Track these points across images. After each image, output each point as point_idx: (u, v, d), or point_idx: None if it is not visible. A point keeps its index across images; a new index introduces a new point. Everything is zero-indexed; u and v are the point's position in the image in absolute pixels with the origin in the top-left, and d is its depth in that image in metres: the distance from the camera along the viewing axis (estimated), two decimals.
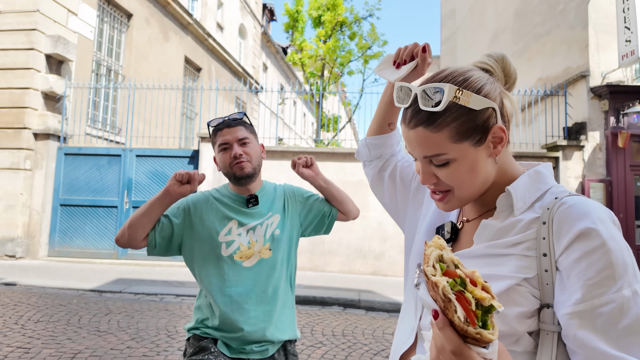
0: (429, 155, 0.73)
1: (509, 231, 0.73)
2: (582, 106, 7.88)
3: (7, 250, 7.85)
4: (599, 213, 0.66)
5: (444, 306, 0.50)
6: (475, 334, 0.48)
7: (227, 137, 1.52)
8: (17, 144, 7.99)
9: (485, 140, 0.73)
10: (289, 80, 26.27)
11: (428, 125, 0.71)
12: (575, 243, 0.65)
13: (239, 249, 1.51)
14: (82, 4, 9.06)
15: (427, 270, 0.52)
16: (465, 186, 0.74)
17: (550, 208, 0.69)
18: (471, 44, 14.12)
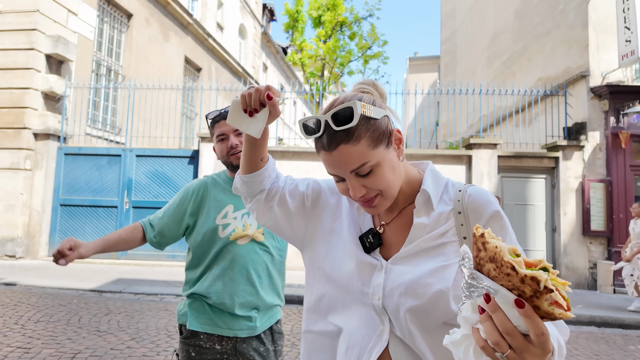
0: (355, 168, 0.81)
1: (436, 224, 0.86)
2: (582, 106, 7.88)
3: (7, 250, 7.85)
4: (494, 198, 0.86)
5: (532, 295, 0.54)
6: (559, 314, 0.54)
7: (224, 128, 1.61)
8: (17, 144, 7.99)
9: (391, 142, 0.86)
10: (289, 80, 26.27)
11: (348, 141, 0.80)
12: (489, 224, 0.83)
13: (234, 231, 1.60)
14: (82, 4, 9.06)
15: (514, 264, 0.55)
16: (391, 185, 0.85)
17: (461, 200, 0.86)
18: (471, 44, 14.11)
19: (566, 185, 7.65)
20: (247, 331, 1.57)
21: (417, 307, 0.81)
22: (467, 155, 7.92)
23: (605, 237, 7.49)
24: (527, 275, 0.54)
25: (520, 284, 0.55)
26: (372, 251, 0.90)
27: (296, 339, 4.17)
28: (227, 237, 1.60)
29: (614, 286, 7.23)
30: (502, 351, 0.58)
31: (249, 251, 1.60)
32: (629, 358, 4.11)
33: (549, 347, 0.57)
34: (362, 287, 0.88)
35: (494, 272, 0.58)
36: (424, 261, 0.84)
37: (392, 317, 0.84)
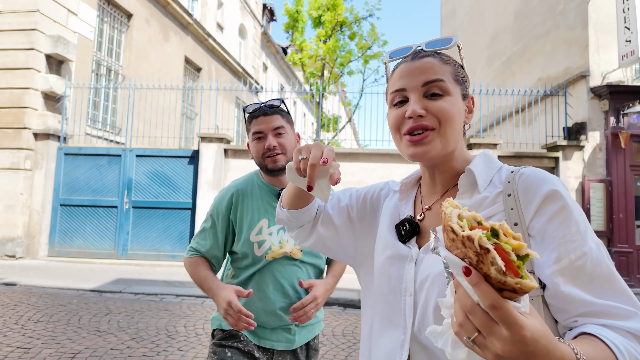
0: (432, 79, 0.76)
1: (478, 207, 0.75)
2: (582, 106, 7.88)
3: (7, 250, 7.85)
4: (555, 178, 0.72)
5: (477, 261, 0.47)
6: (515, 284, 0.45)
7: (262, 125, 1.46)
8: (17, 144, 7.99)
9: (466, 99, 0.82)
10: (289, 80, 26.27)
11: (436, 57, 0.79)
12: (543, 206, 0.69)
13: (270, 248, 1.48)
14: (82, 4, 9.06)
15: (454, 227, 0.49)
16: (452, 125, 0.76)
17: (511, 181, 0.74)
18: (471, 44, 14.11)
19: (566, 185, 7.65)
20: (285, 344, 1.49)
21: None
22: None
23: (606, 237, 7.49)
24: (464, 235, 0.47)
25: (465, 249, 0.48)
26: (408, 240, 0.82)
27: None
28: (264, 257, 1.48)
29: None
30: (468, 334, 0.49)
31: (285, 266, 1.49)
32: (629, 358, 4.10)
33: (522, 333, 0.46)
34: (395, 284, 0.80)
35: (448, 241, 0.51)
36: None
37: (420, 317, 0.75)
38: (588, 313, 0.63)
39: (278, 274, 1.48)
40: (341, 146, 15.61)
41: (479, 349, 0.50)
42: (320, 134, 15.36)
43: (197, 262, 1.54)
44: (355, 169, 8.03)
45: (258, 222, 1.49)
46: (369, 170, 7.97)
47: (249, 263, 1.50)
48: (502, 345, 0.47)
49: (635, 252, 7.35)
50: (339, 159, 8.14)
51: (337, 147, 10.74)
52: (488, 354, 0.49)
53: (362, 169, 8.06)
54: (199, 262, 1.54)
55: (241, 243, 1.49)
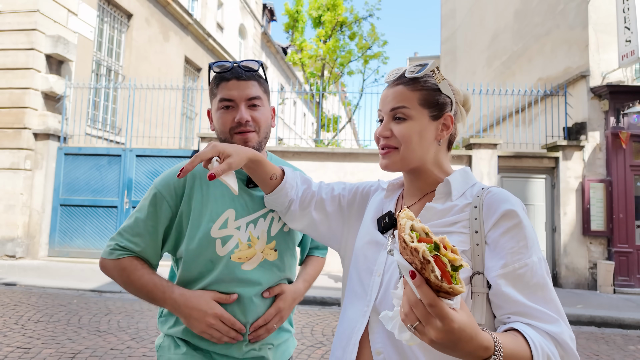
0: (396, 106, 0.90)
1: (447, 212, 0.88)
2: (582, 106, 7.88)
3: (7, 250, 7.85)
4: (516, 200, 0.85)
5: (421, 267, 0.58)
6: (448, 288, 0.58)
7: (233, 92, 1.15)
8: (17, 144, 7.99)
9: (439, 120, 0.91)
10: (289, 80, 26.27)
11: (407, 85, 0.91)
12: (500, 221, 0.82)
13: (237, 247, 1.15)
14: (82, 4, 9.06)
15: (406, 238, 0.60)
16: (410, 146, 0.90)
17: (480, 195, 0.87)
18: (471, 44, 14.11)
19: (566, 185, 7.65)
20: None
21: None
22: (467, 155, 7.91)
23: (605, 237, 7.49)
24: (412, 247, 0.58)
25: (412, 257, 0.59)
26: (387, 232, 0.95)
27: (296, 339, 4.17)
28: (229, 257, 1.14)
29: (614, 286, 7.23)
30: (411, 323, 0.62)
31: (255, 273, 1.16)
32: (629, 358, 4.11)
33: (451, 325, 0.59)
34: (368, 265, 0.93)
35: (400, 247, 0.62)
36: None
37: (382, 293, 0.88)
38: (519, 312, 0.76)
39: (245, 284, 1.14)
40: (341, 146, 15.63)
41: (418, 334, 0.63)
42: (320, 134, 15.35)
43: (134, 266, 1.13)
44: (356, 169, 8.03)
45: (223, 213, 1.15)
46: (369, 170, 7.97)
47: (205, 268, 1.14)
48: (436, 333, 0.60)
49: (635, 252, 7.35)
50: (339, 159, 8.15)
51: (337, 147, 10.74)
52: (425, 338, 0.62)
53: (362, 169, 8.06)
54: (136, 265, 1.14)
55: (197, 241, 1.13)
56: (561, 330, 0.74)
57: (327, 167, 8.14)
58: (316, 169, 8.13)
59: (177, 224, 1.17)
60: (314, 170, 8.12)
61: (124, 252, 1.15)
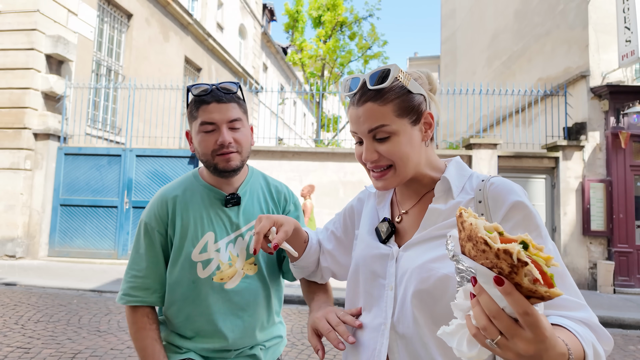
0: (374, 127, 0.83)
1: (452, 212, 0.83)
2: (582, 106, 7.88)
3: (7, 250, 7.85)
4: (520, 189, 0.81)
5: (510, 271, 0.51)
6: (544, 292, 0.50)
7: (215, 115, 1.16)
8: (17, 144, 7.99)
9: (419, 122, 0.86)
10: (289, 80, 26.27)
11: (376, 100, 0.82)
12: (509, 214, 0.78)
13: (218, 268, 1.20)
14: (82, 4, 9.06)
15: (487, 240, 0.52)
16: (406, 160, 0.84)
17: (482, 189, 0.82)
18: (471, 44, 14.11)
19: (566, 185, 7.65)
20: None
21: (422, 291, 0.79)
22: (467, 155, 7.92)
23: (605, 237, 7.49)
24: (500, 249, 0.51)
25: (497, 260, 0.52)
26: (388, 240, 0.90)
27: (296, 339, 4.17)
28: (210, 278, 1.19)
29: (614, 286, 7.23)
30: (491, 337, 0.54)
31: (242, 294, 1.21)
32: (629, 358, 4.11)
33: (545, 334, 0.52)
34: (378, 279, 0.88)
35: (473, 251, 0.54)
36: (434, 247, 0.81)
37: (399, 307, 0.82)
38: (549, 303, 0.72)
39: (233, 305, 1.20)
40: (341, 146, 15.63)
41: (499, 350, 0.54)
42: (320, 134, 15.35)
43: (142, 324, 1.18)
44: (356, 169, 8.03)
45: (202, 237, 1.20)
46: None
47: (188, 289, 1.19)
48: (526, 345, 0.52)
49: (635, 252, 7.35)
50: (339, 159, 8.15)
51: (337, 147, 10.73)
52: (509, 353, 0.54)
53: (362, 168, 8.04)
54: (144, 324, 1.18)
55: (179, 265, 1.19)
56: (590, 315, 0.72)
57: (327, 167, 8.14)
58: (316, 169, 8.13)
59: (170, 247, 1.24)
60: (314, 170, 8.12)
61: (135, 299, 1.20)
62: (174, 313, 1.22)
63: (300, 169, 8.10)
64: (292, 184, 7.99)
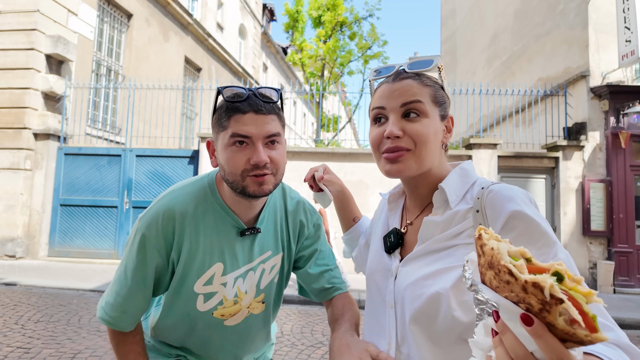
0: (410, 100, 0.78)
1: (449, 223, 0.78)
2: (582, 106, 7.88)
3: (7, 250, 7.85)
4: (520, 195, 0.73)
5: (540, 308, 0.42)
6: (584, 336, 0.40)
7: (251, 128, 0.94)
8: (17, 144, 7.99)
9: (445, 120, 0.83)
10: (289, 80, 26.27)
11: (416, 79, 0.80)
12: (507, 224, 0.71)
13: (221, 304, 1.06)
14: (82, 4, 9.06)
15: (512, 269, 0.44)
16: (426, 147, 0.78)
17: (480, 197, 0.76)
18: (471, 44, 14.11)
19: (566, 185, 7.65)
20: None
21: (418, 310, 0.75)
22: (467, 155, 7.92)
23: (605, 237, 7.49)
24: (529, 281, 0.42)
25: (524, 294, 0.43)
26: (393, 251, 0.87)
27: (296, 339, 4.17)
28: (210, 313, 1.06)
29: (614, 286, 7.23)
30: None
31: (241, 332, 1.12)
32: None
33: None
34: (381, 295, 0.86)
35: (495, 280, 0.46)
36: (431, 262, 0.77)
37: (400, 326, 0.79)
38: None
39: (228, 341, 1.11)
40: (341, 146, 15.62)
41: None
42: (320, 134, 15.35)
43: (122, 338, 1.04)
44: (356, 169, 8.03)
45: (210, 268, 1.03)
46: (369, 170, 7.97)
47: (182, 321, 1.08)
48: None
49: (635, 252, 7.35)
50: (339, 159, 8.15)
51: (337, 147, 10.73)
52: None
53: (362, 169, 8.05)
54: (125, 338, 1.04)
55: (179, 294, 1.04)
56: (618, 335, 0.62)
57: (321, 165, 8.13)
58: None
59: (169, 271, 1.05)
60: None
61: (108, 318, 1.03)
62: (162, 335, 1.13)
63: (300, 169, 8.10)
64: (292, 184, 7.99)
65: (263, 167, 0.95)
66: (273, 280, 1.13)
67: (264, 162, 0.93)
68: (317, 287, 1.16)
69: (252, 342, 1.17)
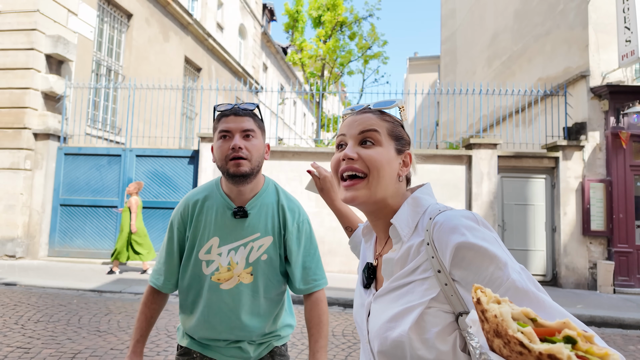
0: (367, 129, 0.85)
1: (405, 259, 0.79)
2: (582, 106, 7.88)
3: (7, 250, 7.85)
4: (464, 222, 0.72)
5: None
6: None
7: (231, 124, 1.32)
8: (17, 144, 7.99)
9: (401, 154, 0.87)
10: (289, 80, 26.27)
11: (376, 114, 0.87)
12: (456, 257, 0.70)
13: (217, 270, 1.38)
14: (82, 4, 9.06)
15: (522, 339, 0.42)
16: (380, 173, 0.82)
17: (429, 229, 0.76)
18: (471, 44, 14.11)
19: (566, 185, 7.65)
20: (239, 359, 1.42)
21: (384, 352, 0.76)
22: (467, 155, 7.92)
23: (605, 237, 7.49)
24: (543, 352, 0.40)
25: None
26: (369, 286, 0.88)
27: (296, 339, 4.17)
28: (209, 277, 1.38)
29: (614, 286, 7.23)
30: None
31: (234, 298, 1.38)
32: (629, 358, 4.11)
33: None
34: (362, 332, 0.87)
35: (506, 350, 0.44)
36: (394, 300, 0.78)
37: None
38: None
39: (223, 304, 1.38)
40: None
41: None
42: (320, 134, 15.35)
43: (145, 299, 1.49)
44: None
45: (209, 240, 1.38)
46: None
47: (194, 280, 1.41)
48: None
49: (635, 252, 7.35)
50: None
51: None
52: None
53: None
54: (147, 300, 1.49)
55: (190, 260, 1.40)
56: None
57: (327, 167, 8.14)
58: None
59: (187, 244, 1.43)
60: None
61: (150, 278, 1.48)
62: (184, 296, 1.44)
63: (300, 169, 8.10)
64: (292, 184, 7.99)
65: (238, 151, 1.30)
66: (260, 258, 1.39)
67: (238, 146, 1.29)
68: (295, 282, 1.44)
69: (243, 310, 1.38)
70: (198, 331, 1.41)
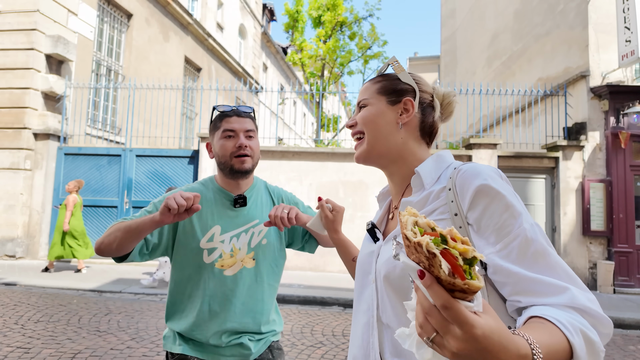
0: (360, 99, 0.98)
1: (424, 203, 0.85)
2: (582, 106, 7.88)
3: (7, 250, 7.85)
4: (487, 171, 0.78)
5: (429, 264, 0.50)
6: (463, 285, 0.49)
7: (235, 125, 1.42)
8: (17, 144, 7.99)
9: (397, 104, 0.93)
10: (289, 80, 26.26)
11: (370, 80, 0.99)
12: (475, 199, 0.76)
13: (220, 256, 1.41)
14: (82, 4, 9.06)
15: (408, 234, 0.53)
16: (372, 128, 0.93)
17: (452, 176, 0.82)
18: (471, 44, 14.11)
19: (566, 185, 7.65)
20: (240, 358, 1.42)
21: (389, 277, 0.82)
22: (467, 155, 7.92)
23: (605, 237, 7.49)
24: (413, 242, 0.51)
25: (417, 254, 0.52)
26: (378, 240, 0.94)
27: (296, 339, 4.17)
28: (213, 264, 1.40)
29: (614, 286, 7.23)
30: (427, 335, 0.52)
31: (238, 284, 1.41)
32: (629, 358, 4.11)
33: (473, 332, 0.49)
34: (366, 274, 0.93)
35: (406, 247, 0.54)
36: None
37: (380, 297, 0.86)
38: (526, 290, 0.69)
39: (228, 289, 1.39)
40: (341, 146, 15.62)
41: (438, 348, 0.52)
42: (320, 134, 15.36)
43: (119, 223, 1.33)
44: (356, 169, 8.02)
45: (211, 229, 1.42)
46: (369, 170, 7.96)
47: (194, 271, 1.41)
48: (457, 343, 0.49)
49: (635, 252, 7.35)
50: (339, 159, 8.15)
51: (337, 147, 10.74)
52: (446, 352, 0.51)
53: (362, 169, 8.05)
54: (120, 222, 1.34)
55: (189, 249, 1.40)
56: (573, 296, 0.65)
57: (327, 167, 8.14)
58: (316, 169, 8.13)
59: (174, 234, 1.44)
60: (314, 170, 8.12)
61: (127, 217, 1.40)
62: (180, 290, 1.43)
63: (300, 169, 8.10)
64: (292, 184, 7.99)
65: (244, 149, 1.41)
66: (261, 242, 1.47)
67: (244, 145, 1.41)
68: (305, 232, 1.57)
69: (247, 294, 1.42)
70: (197, 328, 1.38)
